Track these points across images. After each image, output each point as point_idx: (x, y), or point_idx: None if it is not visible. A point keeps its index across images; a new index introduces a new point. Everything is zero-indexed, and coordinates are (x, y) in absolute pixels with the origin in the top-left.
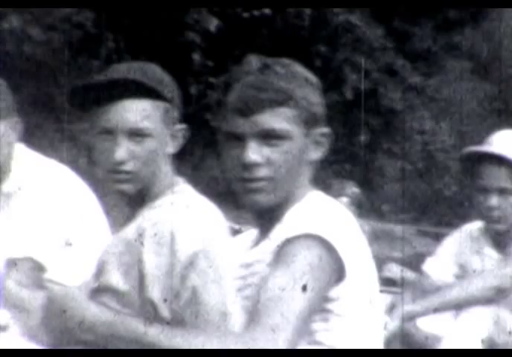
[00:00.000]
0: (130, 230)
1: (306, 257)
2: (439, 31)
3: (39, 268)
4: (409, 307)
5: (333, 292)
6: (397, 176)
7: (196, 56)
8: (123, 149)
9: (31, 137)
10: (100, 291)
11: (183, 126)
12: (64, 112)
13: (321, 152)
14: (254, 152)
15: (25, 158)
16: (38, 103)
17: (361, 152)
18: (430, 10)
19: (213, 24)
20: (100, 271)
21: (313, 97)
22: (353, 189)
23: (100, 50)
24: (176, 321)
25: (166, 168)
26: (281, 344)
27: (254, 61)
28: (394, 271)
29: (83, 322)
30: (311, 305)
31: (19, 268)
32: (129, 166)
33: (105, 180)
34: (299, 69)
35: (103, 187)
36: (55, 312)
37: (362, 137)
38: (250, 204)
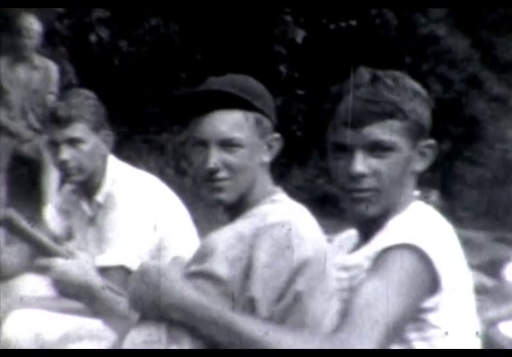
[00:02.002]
0: (244, 226)
1: (402, 266)
2: None
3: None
4: (491, 312)
5: (429, 303)
6: (476, 184)
7: (283, 68)
8: (215, 159)
9: (119, 148)
10: (198, 275)
11: (276, 135)
12: (151, 123)
13: (425, 163)
14: (362, 164)
15: (117, 170)
16: (125, 114)
17: (441, 160)
18: None
19: (299, 35)
20: (203, 256)
21: (421, 110)
22: (435, 197)
23: (187, 62)
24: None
25: (263, 177)
26: (368, 347)
27: (364, 73)
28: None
29: (174, 300)
30: (403, 313)
31: (112, 276)
32: (222, 175)
33: (201, 190)
34: (408, 81)
35: (191, 196)
36: (147, 286)
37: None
38: (355, 214)
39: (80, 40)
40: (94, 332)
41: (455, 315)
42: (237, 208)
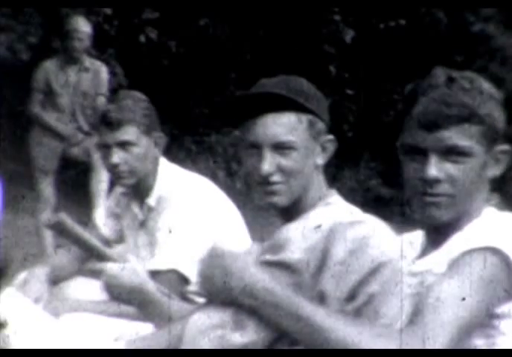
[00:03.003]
0: (318, 221)
1: (483, 269)
2: None
3: (183, 280)
4: None
5: (502, 309)
6: None
7: (332, 68)
8: (269, 162)
9: (168, 149)
10: (274, 264)
11: (330, 137)
12: (201, 124)
13: (500, 169)
14: (436, 168)
15: (169, 172)
16: (175, 115)
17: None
18: None
19: (348, 35)
20: (278, 246)
21: (497, 114)
22: (497, 200)
23: (236, 62)
24: None
25: (317, 179)
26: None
27: (440, 74)
28: None
29: (245, 284)
30: (475, 317)
31: (163, 280)
32: (276, 178)
33: (255, 193)
34: (484, 84)
35: (241, 198)
36: (218, 269)
37: None
38: (426, 218)
39: (129, 41)
40: None
41: None
42: (291, 211)
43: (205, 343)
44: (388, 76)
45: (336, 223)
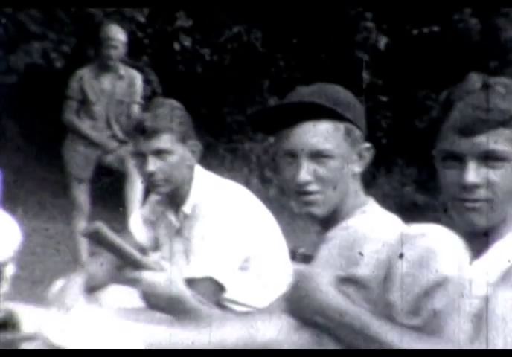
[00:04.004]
0: (389, 234)
1: None
2: None
3: (218, 287)
4: None
5: None
6: None
7: (366, 75)
8: (306, 171)
9: (202, 157)
10: (345, 280)
11: (367, 144)
12: (235, 132)
13: None
14: (475, 174)
15: (204, 180)
16: (209, 122)
17: None
18: None
19: (382, 41)
20: (350, 262)
21: None
22: None
23: (269, 69)
24: None
25: (354, 187)
26: None
27: (475, 80)
28: None
29: (320, 307)
30: None
31: (199, 288)
32: (313, 187)
33: (292, 202)
34: None
35: (276, 205)
36: (299, 291)
37: None
38: (466, 225)
39: (163, 49)
40: None
41: None
42: (328, 219)
43: None
44: (421, 82)
45: (402, 234)
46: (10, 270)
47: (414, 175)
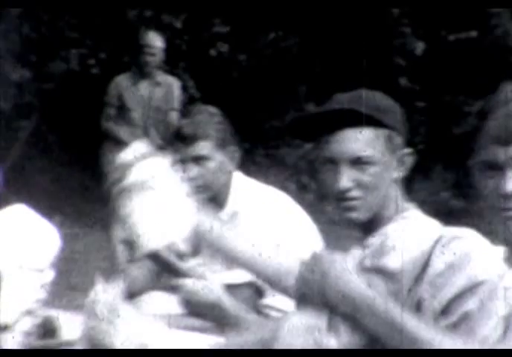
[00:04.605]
0: (426, 239)
1: None
2: None
3: (258, 293)
4: None
5: None
6: None
7: (403, 80)
8: (346, 178)
9: (240, 162)
10: (372, 271)
11: (408, 150)
12: (271, 137)
13: None
14: None
15: (243, 186)
16: (246, 128)
17: None
18: None
19: (419, 47)
20: (380, 252)
21: None
22: None
23: (306, 75)
24: None
25: (395, 193)
26: None
27: (509, 88)
28: None
29: (341, 289)
30: None
31: (239, 294)
32: (354, 194)
33: (332, 208)
34: None
35: (313, 211)
36: (316, 273)
37: None
38: (507, 233)
39: (200, 55)
40: None
41: None
42: (368, 225)
43: (298, 344)
44: (458, 87)
45: (440, 235)
46: (49, 276)
47: (451, 180)
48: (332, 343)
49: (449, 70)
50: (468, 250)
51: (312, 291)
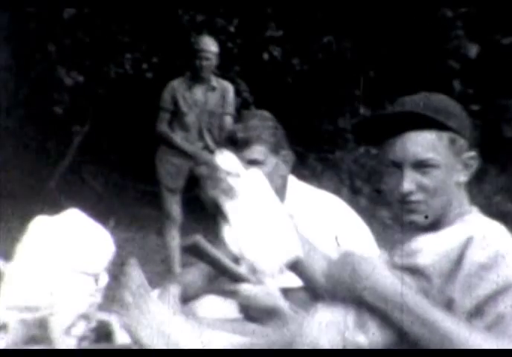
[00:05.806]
0: (452, 235)
1: None
2: None
3: (314, 296)
4: None
5: None
6: None
7: (457, 84)
8: (410, 181)
9: (294, 166)
10: (404, 268)
11: (472, 153)
12: (325, 141)
13: None
14: None
15: (297, 190)
16: (299, 132)
17: None
18: None
19: (472, 50)
20: (411, 251)
21: None
22: None
23: (360, 79)
24: None
25: (459, 197)
26: None
27: None
28: None
29: (372, 285)
30: None
31: (295, 298)
32: (417, 197)
33: (395, 211)
34: None
35: (366, 215)
36: (347, 269)
37: None
38: None
39: (252, 59)
40: None
41: None
42: (431, 228)
43: (325, 340)
44: None
45: (475, 235)
46: (103, 280)
47: (506, 184)
48: (360, 339)
49: (503, 73)
50: (503, 251)
51: (341, 287)
